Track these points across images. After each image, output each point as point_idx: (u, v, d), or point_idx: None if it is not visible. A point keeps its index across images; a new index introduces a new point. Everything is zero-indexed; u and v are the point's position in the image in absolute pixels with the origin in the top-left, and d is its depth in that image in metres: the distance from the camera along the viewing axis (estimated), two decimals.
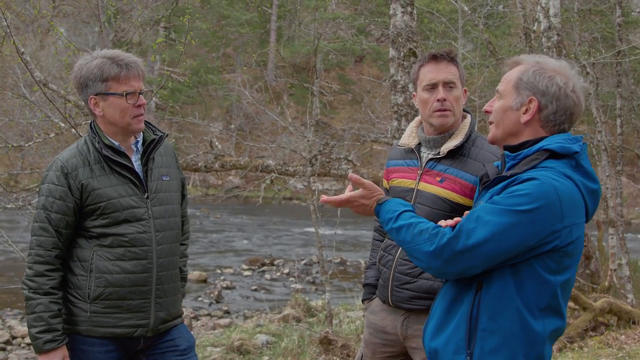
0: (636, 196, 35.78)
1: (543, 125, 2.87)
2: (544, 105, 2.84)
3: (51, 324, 3.55)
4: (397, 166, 4.01)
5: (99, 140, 3.67)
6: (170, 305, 3.85)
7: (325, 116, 41.13)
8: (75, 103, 8.52)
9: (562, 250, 2.71)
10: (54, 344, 3.55)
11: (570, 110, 2.86)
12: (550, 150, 2.79)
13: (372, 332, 4.06)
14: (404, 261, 3.81)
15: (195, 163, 9.14)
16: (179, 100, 33.75)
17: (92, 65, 3.62)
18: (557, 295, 2.77)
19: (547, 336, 2.78)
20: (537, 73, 2.86)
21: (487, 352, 2.75)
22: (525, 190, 2.65)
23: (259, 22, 46.86)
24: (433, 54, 3.86)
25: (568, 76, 2.87)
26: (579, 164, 2.79)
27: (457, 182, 3.72)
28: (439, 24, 16.58)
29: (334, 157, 8.83)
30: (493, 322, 2.75)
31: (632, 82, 19.56)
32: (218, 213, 31.90)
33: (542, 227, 2.65)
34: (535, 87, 2.85)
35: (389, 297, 3.91)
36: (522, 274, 2.71)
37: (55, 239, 3.59)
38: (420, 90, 3.87)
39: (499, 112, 2.94)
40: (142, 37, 13.80)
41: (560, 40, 12.05)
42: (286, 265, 20.74)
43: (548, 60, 2.93)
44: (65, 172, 3.60)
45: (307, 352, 8.99)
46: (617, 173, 13.01)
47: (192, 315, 14.26)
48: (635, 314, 9.72)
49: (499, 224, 2.65)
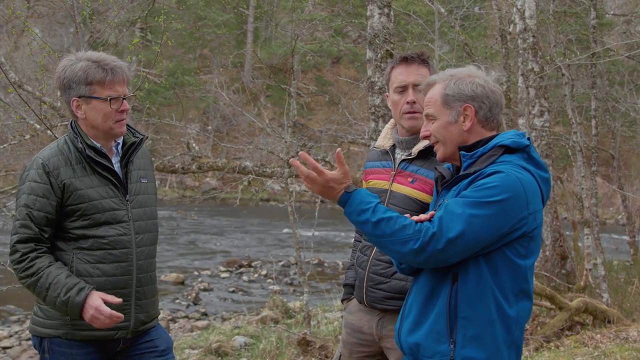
0: (611, 197, 36.09)
1: (484, 125, 3.07)
2: (478, 108, 3.04)
3: (68, 282, 3.48)
4: (373, 167, 4.05)
5: (82, 141, 3.64)
6: (150, 307, 3.85)
7: (302, 117, 41.14)
8: (51, 104, 8.46)
9: (529, 235, 2.91)
10: (85, 291, 3.48)
11: (500, 103, 3.08)
12: (505, 146, 2.99)
13: (349, 332, 4.09)
14: (378, 262, 3.85)
15: (173, 164, 9.11)
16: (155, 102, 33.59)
17: (77, 67, 3.59)
18: (527, 279, 2.97)
19: (521, 320, 2.97)
20: (459, 83, 3.05)
21: (468, 338, 2.90)
22: (493, 183, 2.83)
23: (235, 23, 46.78)
24: (404, 56, 3.90)
25: (481, 76, 3.09)
26: (530, 156, 3.02)
27: (428, 182, 3.74)
28: (416, 25, 16.61)
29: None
30: (472, 310, 2.89)
31: (606, 83, 19.74)
32: (195, 215, 31.79)
33: (513, 215, 2.84)
34: (463, 94, 3.04)
35: (364, 298, 3.94)
36: (495, 262, 2.89)
37: (38, 236, 3.55)
38: (391, 92, 3.91)
39: (440, 131, 3.09)
40: (118, 38, 13.72)
41: (536, 41, 12.13)
42: (264, 267, 20.71)
43: (458, 70, 3.14)
44: (47, 170, 3.56)
45: (285, 354, 8.98)
46: (592, 174, 13.12)
47: (170, 317, 14.20)
48: (610, 313, 9.80)
49: (474, 216, 2.80)
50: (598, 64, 14.13)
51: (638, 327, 9.17)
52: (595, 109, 13.91)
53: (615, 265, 16.09)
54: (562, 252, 12.56)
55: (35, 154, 3.73)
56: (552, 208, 12.55)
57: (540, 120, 12.17)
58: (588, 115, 18.67)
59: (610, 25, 26.32)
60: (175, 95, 33.93)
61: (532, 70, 11.99)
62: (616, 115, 21.85)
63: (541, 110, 12.20)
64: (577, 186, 14.98)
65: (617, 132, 22.75)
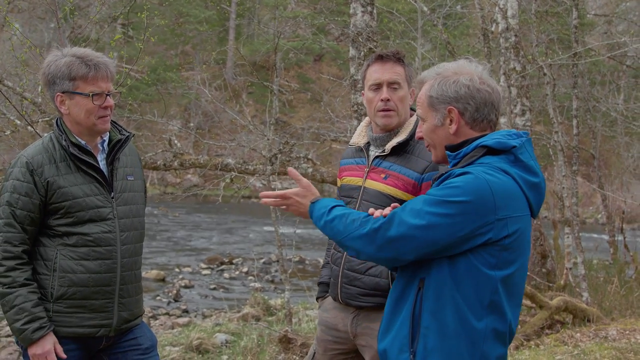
0: (591, 196, 36.30)
1: (472, 126, 2.93)
2: (463, 109, 2.90)
3: (34, 313, 3.52)
4: (348, 165, 4.09)
5: (66, 138, 3.64)
6: (133, 305, 3.84)
7: (284, 115, 41.10)
8: (32, 100, 8.40)
9: (499, 243, 2.73)
10: (42, 331, 3.52)
11: (489, 100, 2.91)
12: (487, 147, 2.84)
13: (324, 330, 4.10)
14: (352, 258, 3.86)
15: (154, 161, 9.07)
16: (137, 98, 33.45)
17: (61, 63, 3.60)
18: (498, 291, 2.76)
19: (490, 335, 2.78)
20: (442, 83, 2.92)
21: (429, 349, 2.76)
22: (457, 183, 2.71)
23: (217, 20, 46.68)
24: (379, 54, 3.93)
25: (471, 72, 2.93)
26: (517, 159, 2.84)
27: (400, 178, 3.79)
28: (399, 23, 16.64)
29: (294, 156, 8.83)
30: (435, 320, 2.76)
31: (588, 83, 19.82)
32: (176, 212, 31.69)
33: (473, 219, 2.68)
34: (446, 97, 2.91)
35: (339, 295, 3.95)
36: (459, 269, 2.74)
37: (22, 234, 3.55)
38: (367, 90, 3.95)
39: (428, 134, 3.01)
40: (99, 34, 13.64)
41: (518, 41, 12.18)
42: (245, 264, 20.68)
43: (447, 66, 3.00)
44: (31, 168, 3.56)
45: (266, 351, 8.97)
46: (573, 173, 13.20)
47: (151, 315, 14.13)
48: (590, 312, 9.87)
49: (430, 213, 2.70)
50: (579, 63, 14.20)
51: (617, 326, 9.23)
52: (577, 109, 13.99)
53: (595, 264, 16.18)
54: (543, 251, 12.62)
55: (20, 152, 3.73)
56: None
57: (522, 119, 12.22)
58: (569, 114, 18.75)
59: (592, 26, 26.47)
60: (157, 91, 33.77)
61: (514, 70, 12.03)
62: (597, 115, 22.02)
63: (523, 110, 12.26)
64: (557, 185, 15.02)
65: (597, 132, 22.87)
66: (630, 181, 28.21)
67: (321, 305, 4.20)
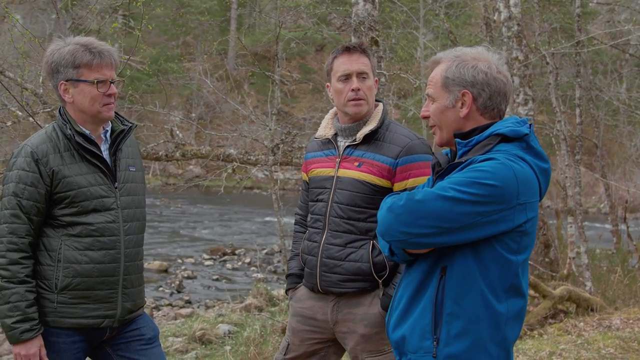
0: (594, 185, 36.25)
1: (482, 112, 2.93)
2: (477, 95, 2.90)
3: (28, 314, 3.50)
4: (315, 157, 4.15)
5: (71, 127, 3.62)
6: (136, 296, 3.84)
7: (286, 105, 41.09)
8: (33, 91, 8.37)
9: (519, 229, 2.76)
10: (31, 334, 3.50)
11: (503, 90, 2.93)
12: (502, 135, 2.85)
13: (299, 320, 4.13)
14: (331, 245, 3.93)
15: (156, 152, 9.03)
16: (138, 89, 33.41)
17: (65, 51, 3.58)
18: (518, 275, 2.82)
19: (511, 317, 2.82)
20: (460, 66, 2.91)
21: (452, 336, 2.77)
22: (485, 167, 2.70)
23: (219, 10, 46.52)
24: (346, 46, 4.03)
25: (489, 60, 2.94)
26: (529, 145, 2.87)
27: (375, 164, 3.87)
28: (401, 13, 16.58)
29: (296, 146, 8.79)
30: (458, 306, 2.77)
31: (590, 72, 19.81)
32: (179, 202, 31.68)
33: (498, 202, 2.69)
34: (463, 80, 2.90)
35: (317, 284, 3.99)
36: (484, 256, 2.75)
37: (27, 225, 3.53)
38: (334, 81, 4.01)
39: (437, 114, 2.99)
40: (100, 25, 13.59)
41: (520, 30, 12.14)
42: (248, 255, 20.68)
43: (465, 50, 2.99)
44: (36, 158, 3.53)
45: (269, 342, 8.97)
46: (576, 162, 13.17)
47: (153, 305, 14.15)
48: (593, 301, 9.86)
49: (458, 190, 2.68)
50: (582, 52, 14.16)
51: (621, 315, 9.22)
52: (579, 98, 13.95)
53: (598, 253, 16.18)
54: (546, 241, 12.61)
55: (23, 142, 3.70)
56: None
57: (525, 108, 12.19)
58: (572, 104, 18.73)
59: (594, 14, 26.39)
60: (159, 82, 33.74)
61: (516, 59, 11.99)
62: (600, 104, 21.94)
63: (525, 99, 12.22)
64: (560, 175, 15.02)
65: (600, 121, 22.85)
66: (633, 170, 28.14)
67: (293, 297, 4.23)
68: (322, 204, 3.99)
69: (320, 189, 4.01)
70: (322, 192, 3.99)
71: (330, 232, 3.93)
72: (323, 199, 3.99)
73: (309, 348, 4.11)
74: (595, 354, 7.35)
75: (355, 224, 3.87)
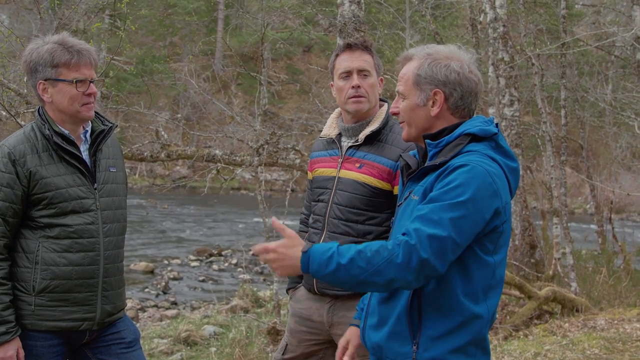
0: (579, 186, 36.45)
1: (453, 112, 2.90)
2: (449, 94, 2.87)
3: (3, 317, 3.45)
4: (319, 157, 4.12)
5: (49, 127, 3.57)
6: (116, 298, 3.79)
7: (273, 106, 41.04)
8: (16, 91, 8.31)
9: (498, 230, 2.75)
10: (7, 337, 3.45)
11: (474, 90, 2.90)
12: (472, 134, 2.82)
13: (297, 321, 4.11)
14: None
15: (141, 152, 9.00)
16: (124, 89, 33.31)
17: (43, 50, 3.53)
18: (495, 275, 2.79)
19: (488, 318, 2.81)
20: (433, 65, 2.88)
21: (432, 339, 2.75)
22: (457, 181, 2.66)
23: (206, 11, 46.49)
24: (348, 43, 3.98)
25: (461, 59, 2.90)
26: (498, 145, 2.85)
27: (375, 166, 3.83)
28: (387, 14, 16.60)
29: (282, 147, 8.78)
30: (437, 312, 2.74)
31: (576, 73, 19.87)
32: (165, 203, 31.61)
33: (486, 210, 2.67)
34: (435, 79, 2.87)
35: (314, 285, 3.97)
36: (466, 261, 2.72)
37: (3, 227, 3.48)
38: (336, 79, 3.98)
39: (407, 111, 2.95)
40: (86, 24, 13.53)
41: (506, 31, 12.17)
42: (234, 256, 20.66)
43: (438, 48, 2.95)
44: (13, 158, 3.48)
45: (255, 343, 8.95)
46: (562, 163, 13.22)
47: (139, 307, 14.09)
48: (578, 302, 9.89)
49: (451, 219, 2.62)
50: (567, 54, 14.21)
51: (606, 315, 9.25)
52: (565, 99, 14.01)
53: (583, 254, 16.24)
54: (531, 241, 12.65)
55: (1, 142, 3.64)
56: (522, 197, 12.62)
57: (510, 109, 12.22)
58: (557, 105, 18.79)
59: (580, 16, 26.49)
60: (144, 83, 33.66)
61: (502, 60, 12.02)
62: (585, 105, 22.03)
63: (511, 100, 12.25)
64: (546, 175, 15.06)
65: (586, 122, 22.94)
66: (619, 171, 28.30)
67: (292, 297, 4.21)
68: (322, 205, 3.97)
69: (322, 189, 4.00)
70: (323, 193, 3.97)
71: (329, 234, 3.90)
72: (324, 200, 3.97)
73: (306, 349, 4.09)
74: (580, 354, 7.37)
75: (353, 226, 3.85)
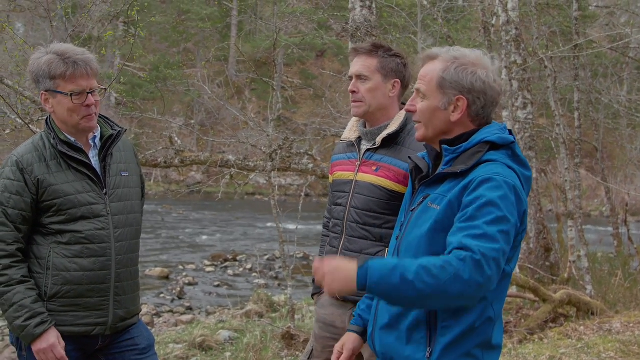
0: (595, 188, 36.23)
1: (473, 119, 2.88)
2: (472, 102, 2.84)
3: (35, 309, 3.49)
4: (339, 160, 4.14)
5: (55, 136, 3.61)
6: (130, 303, 3.81)
7: (287, 111, 41.11)
8: (32, 99, 8.39)
9: (518, 239, 2.75)
10: (45, 326, 3.49)
11: (496, 100, 2.89)
12: (491, 142, 2.81)
13: (321, 327, 4.10)
14: (347, 252, 3.89)
15: (155, 158, 9.05)
16: (138, 96, 33.45)
17: (42, 61, 3.57)
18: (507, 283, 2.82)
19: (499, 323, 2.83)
20: (460, 70, 2.83)
21: (446, 346, 2.74)
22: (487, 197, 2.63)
23: (219, 17, 46.62)
24: (353, 48, 4.06)
25: (487, 67, 2.87)
26: (515, 153, 2.83)
27: (392, 170, 3.83)
28: (399, 18, 16.60)
29: (295, 152, 8.80)
30: (453, 319, 2.73)
31: (589, 75, 19.78)
32: (181, 209, 31.67)
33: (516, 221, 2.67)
34: (460, 85, 2.83)
35: None
36: None
37: (15, 232, 3.53)
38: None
39: (425, 113, 2.90)
40: (100, 32, 13.59)
41: (519, 34, 12.15)
42: (249, 261, 20.66)
43: (465, 52, 2.90)
44: (21, 167, 3.54)
45: (269, 348, 8.96)
46: (576, 166, 13.15)
47: (154, 312, 14.14)
48: (594, 305, 9.83)
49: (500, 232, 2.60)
50: (581, 56, 14.16)
51: (621, 318, 9.20)
52: (578, 101, 13.95)
53: (599, 257, 16.13)
54: (546, 245, 12.60)
55: (12, 151, 3.70)
56: (536, 200, 12.58)
57: (524, 112, 12.20)
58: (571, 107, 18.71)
59: (593, 18, 26.42)
60: (158, 89, 33.79)
61: (515, 63, 12.00)
62: (599, 107, 21.97)
63: (524, 103, 12.23)
64: (560, 178, 15.03)
65: (600, 124, 22.84)
66: (634, 173, 28.14)
67: (317, 302, 4.20)
68: (340, 208, 3.97)
69: (340, 192, 4.00)
70: (341, 196, 3.97)
71: (347, 238, 3.90)
72: (342, 203, 3.97)
73: (329, 355, 4.06)
74: (595, 358, 7.34)
75: (370, 229, 3.84)
